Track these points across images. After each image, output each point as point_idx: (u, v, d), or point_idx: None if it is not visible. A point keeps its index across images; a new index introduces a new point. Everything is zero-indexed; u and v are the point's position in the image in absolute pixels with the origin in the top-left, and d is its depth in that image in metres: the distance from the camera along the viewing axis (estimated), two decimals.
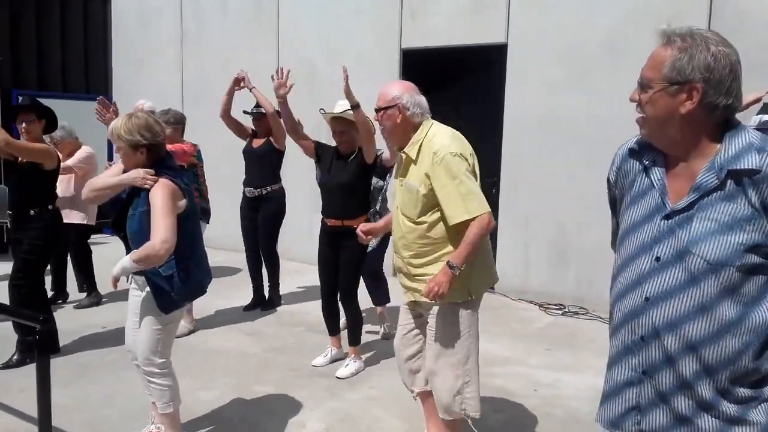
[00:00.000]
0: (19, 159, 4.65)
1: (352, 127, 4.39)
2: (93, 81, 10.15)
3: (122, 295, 6.50)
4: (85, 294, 6.22)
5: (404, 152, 3.04)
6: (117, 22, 10.15)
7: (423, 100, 3.08)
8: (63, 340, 4.95)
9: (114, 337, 5.22)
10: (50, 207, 4.70)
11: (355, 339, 4.68)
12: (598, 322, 5.92)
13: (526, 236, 6.60)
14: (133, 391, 4.17)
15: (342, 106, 4.51)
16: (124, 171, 3.16)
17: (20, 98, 5.53)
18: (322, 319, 4.80)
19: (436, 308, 3.03)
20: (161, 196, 2.98)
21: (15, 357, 4.56)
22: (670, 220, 1.62)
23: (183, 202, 3.11)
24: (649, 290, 1.64)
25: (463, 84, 6.90)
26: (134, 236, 3.09)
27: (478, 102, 6.80)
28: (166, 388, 3.24)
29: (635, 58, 5.71)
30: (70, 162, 5.92)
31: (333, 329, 4.78)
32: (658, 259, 1.63)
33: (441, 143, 2.92)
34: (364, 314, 4.80)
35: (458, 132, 3.08)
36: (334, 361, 4.72)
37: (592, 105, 6.12)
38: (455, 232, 2.93)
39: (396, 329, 3.40)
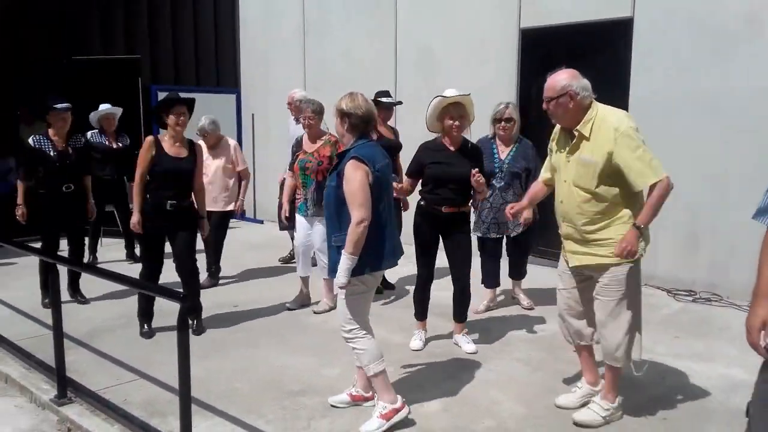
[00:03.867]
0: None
1: (466, 114, 4.45)
2: (223, 75, 10.72)
3: (246, 277, 6.89)
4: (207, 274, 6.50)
5: (577, 130, 3.32)
6: (244, 17, 10.63)
7: (587, 83, 3.34)
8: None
9: (242, 316, 5.55)
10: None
11: (465, 316, 4.79)
12: (732, 309, 5.57)
13: (655, 219, 6.26)
14: (259, 365, 4.43)
15: (454, 92, 4.46)
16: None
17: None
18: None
19: (608, 269, 3.34)
20: (354, 176, 3.29)
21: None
22: None
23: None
24: None
25: (584, 63, 6.55)
26: (325, 207, 3.54)
27: (602, 82, 6.44)
28: (362, 352, 3.51)
29: None
30: (243, 166, 6.64)
31: (423, 314, 4.83)
32: None
33: (619, 121, 3.23)
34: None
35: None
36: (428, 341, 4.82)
37: (729, 80, 5.73)
38: (627, 200, 3.29)
39: None
